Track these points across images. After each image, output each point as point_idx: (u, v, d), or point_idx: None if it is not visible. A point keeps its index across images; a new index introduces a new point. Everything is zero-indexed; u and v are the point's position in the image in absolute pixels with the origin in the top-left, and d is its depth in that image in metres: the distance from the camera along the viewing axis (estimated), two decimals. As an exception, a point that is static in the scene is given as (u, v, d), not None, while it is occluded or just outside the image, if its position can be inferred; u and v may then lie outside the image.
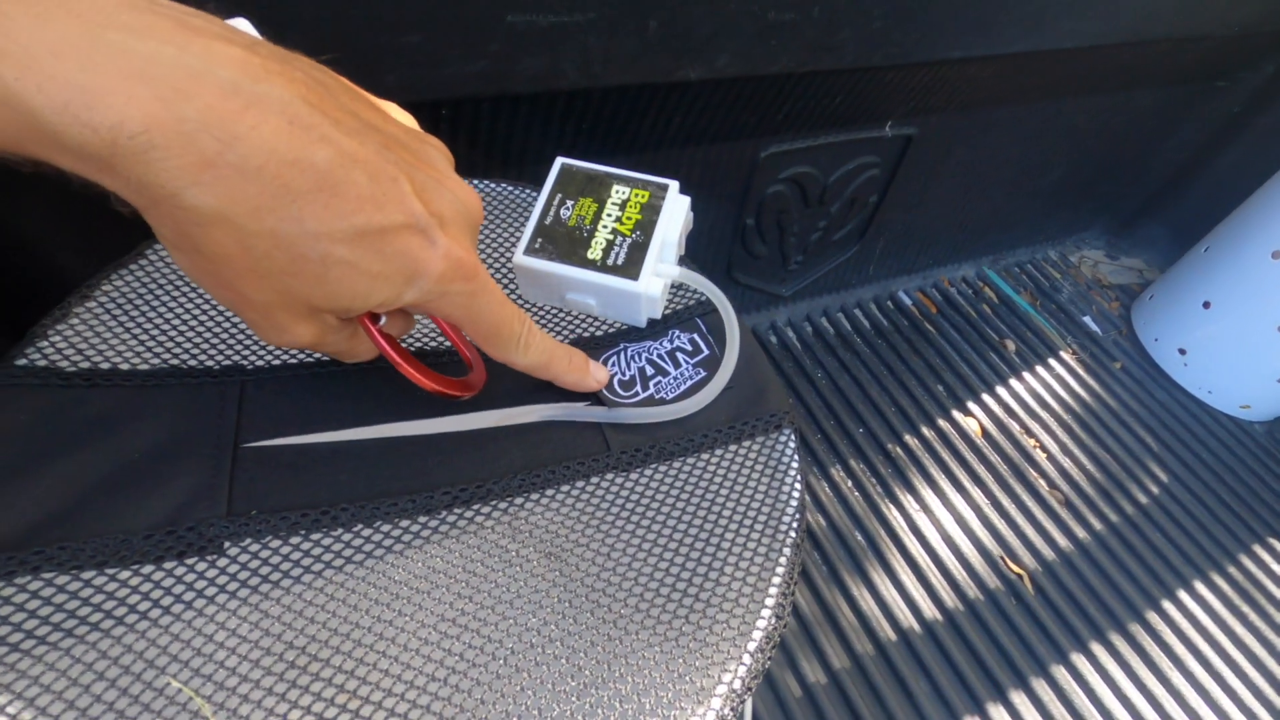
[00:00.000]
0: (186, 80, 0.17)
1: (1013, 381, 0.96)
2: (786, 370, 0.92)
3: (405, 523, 0.25)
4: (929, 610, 0.72)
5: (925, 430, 0.88)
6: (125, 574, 0.22)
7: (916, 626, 0.71)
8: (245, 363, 0.28)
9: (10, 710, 0.19)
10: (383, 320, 0.24)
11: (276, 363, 0.29)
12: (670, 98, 0.60)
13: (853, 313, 1.01)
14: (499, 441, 0.28)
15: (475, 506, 0.26)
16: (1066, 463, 0.88)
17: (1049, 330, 1.05)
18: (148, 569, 0.22)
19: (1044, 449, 0.89)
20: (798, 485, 0.28)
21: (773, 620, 0.24)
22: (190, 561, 0.23)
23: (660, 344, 0.33)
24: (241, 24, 0.26)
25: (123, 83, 0.16)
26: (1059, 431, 0.91)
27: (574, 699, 0.22)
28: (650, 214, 0.32)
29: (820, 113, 0.72)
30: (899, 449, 0.86)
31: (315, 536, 0.24)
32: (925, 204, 0.95)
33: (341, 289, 0.21)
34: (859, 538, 0.77)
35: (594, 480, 0.28)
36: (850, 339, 0.97)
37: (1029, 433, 0.90)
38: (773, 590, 0.25)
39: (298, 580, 0.23)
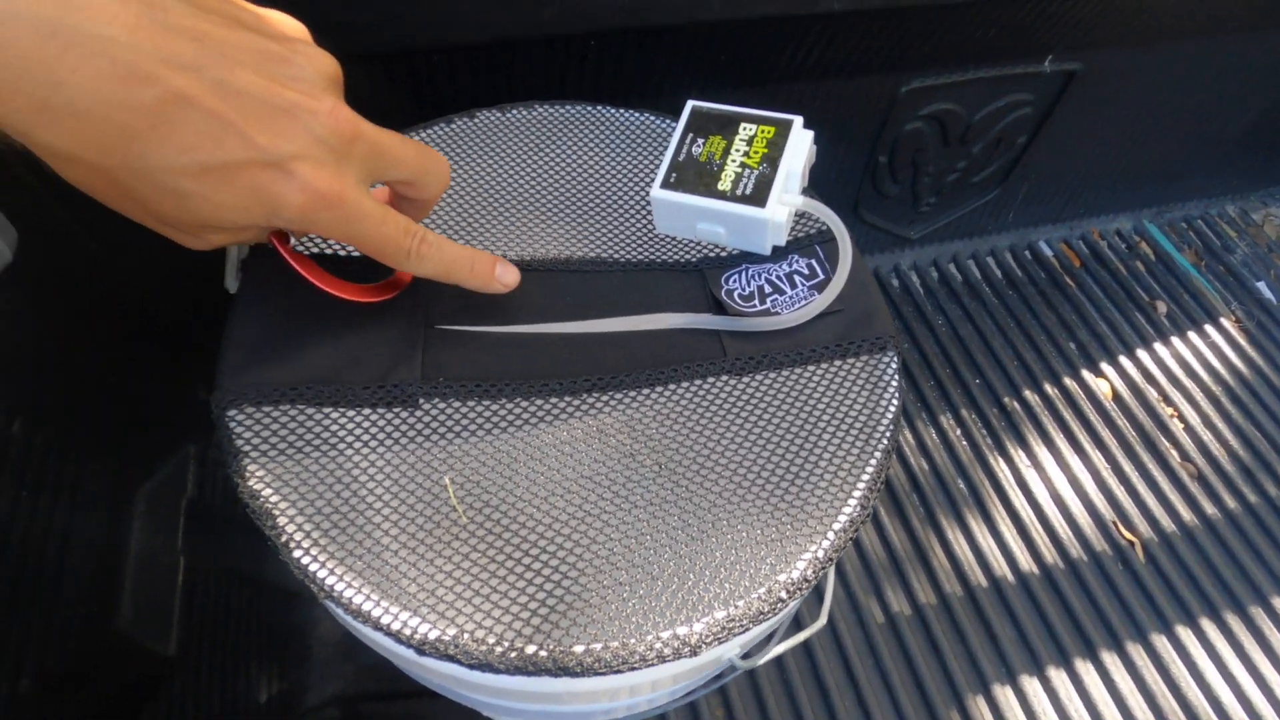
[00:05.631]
0: (5, 27, 0.17)
1: (1157, 345, 0.90)
2: (905, 314, 0.91)
3: (553, 399, 0.31)
4: (1026, 563, 0.73)
5: (1048, 387, 0.85)
6: (350, 413, 0.29)
7: (1010, 576, 0.72)
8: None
9: (269, 490, 0.27)
10: (292, 241, 0.27)
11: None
12: (810, 30, 0.60)
13: (984, 260, 0.97)
14: (631, 342, 0.33)
15: (609, 392, 0.31)
16: (1207, 436, 0.82)
17: (1210, 294, 0.96)
18: (366, 411, 0.29)
19: (1182, 419, 0.84)
20: (895, 400, 0.31)
21: (858, 509, 0.28)
22: (396, 410, 0.30)
23: (780, 266, 0.36)
24: None
25: None
26: (1203, 403, 0.85)
27: (682, 547, 0.27)
28: (776, 148, 0.35)
29: (970, 46, 0.68)
30: (1016, 403, 0.84)
31: (485, 402, 0.30)
32: (1082, 147, 0.89)
33: (205, 215, 0.22)
34: (961, 485, 0.78)
35: (710, 380, 0.32)
36: (978, 287, 0.94)
37: (1167, 400, 0.85)
38: (861, 484, 0.28)
39: (472, 433, 0.29)
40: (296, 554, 0.25)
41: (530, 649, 0.24)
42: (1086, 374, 0.86)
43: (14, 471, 0.39)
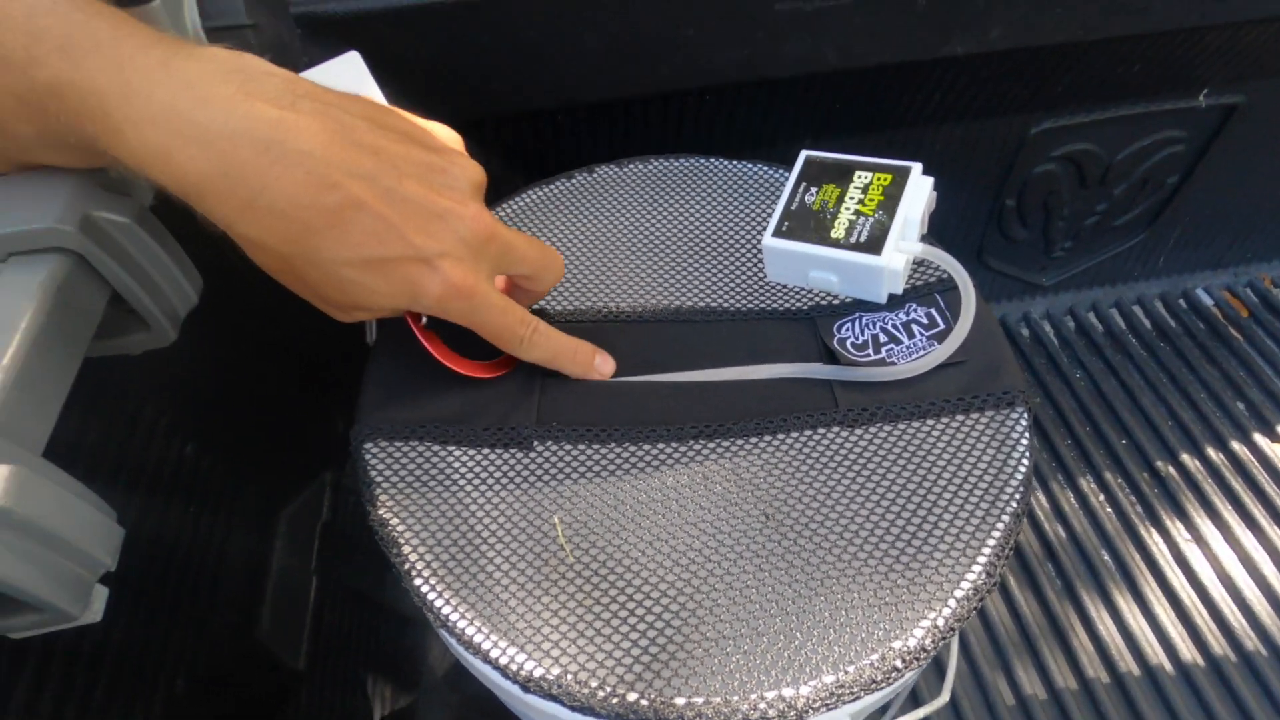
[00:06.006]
0: (230, 143, 0.22)
1: (1352, 408, 0.78)
2: (1038, 367, 0.85)
3: (660, 445, 0.31)
4: (1189, 652, 0.64)
5: (1212, 451, 0.76)
6: (471, 452, 0.31)
7: (1169, 666, 0.63)
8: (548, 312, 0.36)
9: (395, 519, 0.28)
10: (424, 319, 0.31)
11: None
12: (930, 75, 0.59)
13: (1130, 309, 0.89)
14: (739, 391, 0.33)
15: (716, 440, 0.31)
16: None
17: None
18: (485, 451, 0.31)
19: (1389, 495, 0.71)
20: (1025, 460, 0.29)
21: (983, 576, 0.26)
22: (512, 451, 0.31)
23: (896, 315, 0.35)
24: (351, 63, 0.34)
25: (185, 147, 0.22)
26: None
27: (789, 603, 0.26)
28: (892, 195, 0.34)
29: (1111, 83, 0.64)
30: (1172, 468, 0.75)
31: (596, 446, 0.31)
32: (1247, 186, 0.80)
33: (360, 299, 0.26)
34: (1105, 557, 0.70)
35: (820, 431, 0.31)
36: (1123, 338, 0.86)
37: (1368, 472, 0.73)
38: (987, 549, 0.26)
39: (582, 475, 0.30)
40: (416, 581, 0.27)
41: (632, 696, 0.24)
42: (1260, 438, 0.76)
43: (185, 489, 0.45)
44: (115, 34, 0.24)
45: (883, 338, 0.34)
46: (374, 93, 0.34)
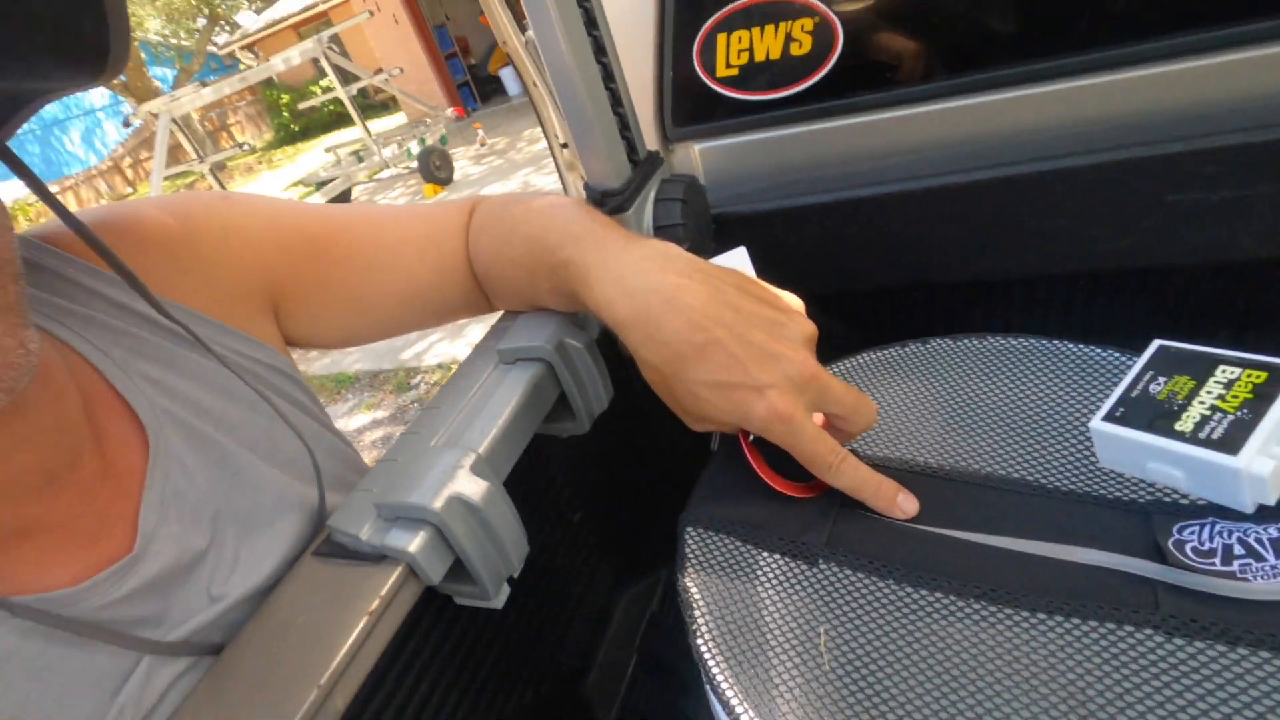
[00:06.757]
0: (646, 297, 0.36)
1: None
2: None
3: (940, 595, 0.33)
4: None
5: None
6: (766, 554, 0.37)
7: None
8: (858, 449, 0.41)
9: (695, 590, 0.35)
10: (751, 437, 0.38)
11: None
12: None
13: None
14: (1039, 565, 0.32)
15: (1001, 607, 0.31)
16: None
17: None
18: (777, 557, 0.37)
19: None
20: None
21: None
22: (799, 563, 0.36)
23: (1265, 529, 0.30)
24: (739, 255, 0.45)
25: (621, 298, 0.37)
26: None
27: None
28: (1264, 395, 0.31)
29: None
30: None
31: (876, 579, 0.34)
32: None
33: (706, 412, 0.36)
34: None
35: (1127, 629, 0.29)
36: None
37: None
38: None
39: (854, 599, 0.33)
40: (697, 640, 0.33)
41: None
42: None
43: (567, 546, 0.59)
44: (604, 232, 0.41)
45: (1239, 550, 0.30)
46: (749, 271, 0.46)
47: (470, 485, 0.36)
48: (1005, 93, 0.54)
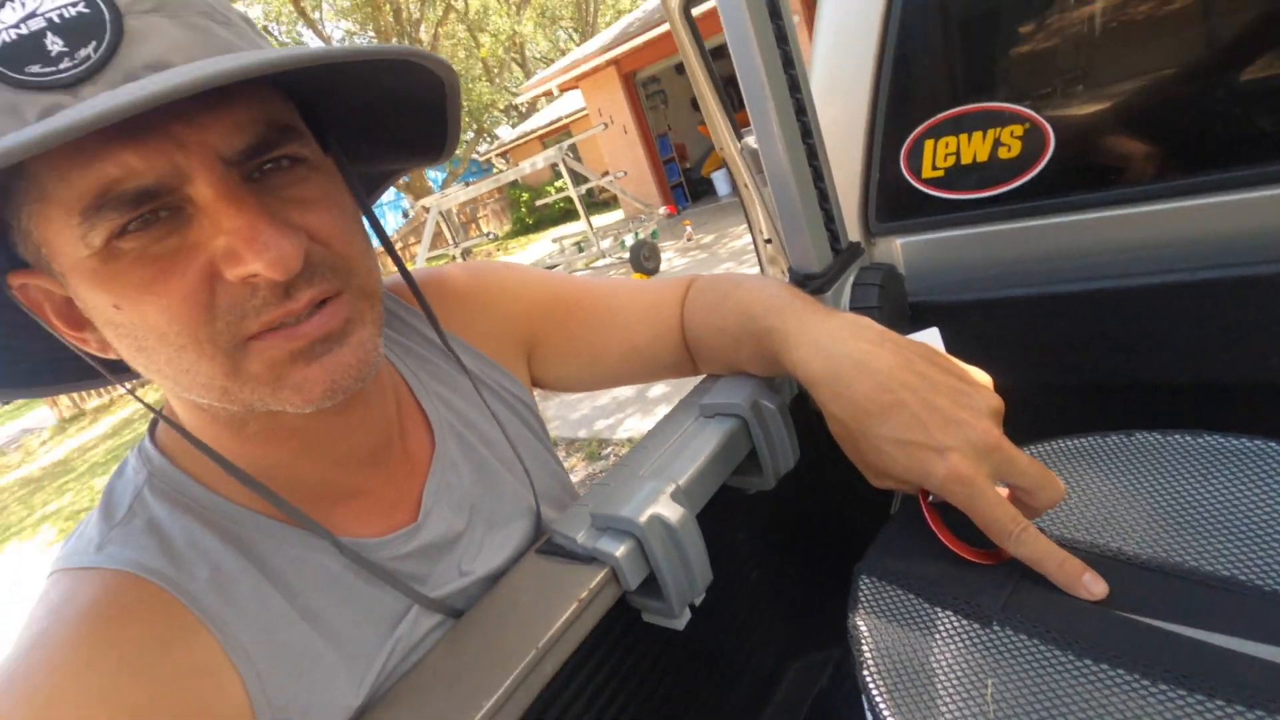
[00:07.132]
0: (839, 360, 0.41)
1: None
2: None
3: (1124, 673, 0.32)
4: None
5: None
6: (937, 610, 0.38)
7: None
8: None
9: (864, 630, 0.38)
10: (931, 498, 0.40)
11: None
12: None
13: None
14: (1232, 660, 0.31)
15: (1189, 693, 0.30)
16: None
17: None
18: (949, 614, 0.38)
19: None
20: None
21: None
22: (971, 622, 0.37)
23: None
24: (931, 333, 0.47)
25: (816, 358, 0.42)
26: None
27: None
28: None
29: None
30: None
31: (1054, 648, 0.34)
32: None
33: (888, 467, 0.39)
34: None
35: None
36: None
37: None
38: None
39: (1027, 662, 0.34)
40: (864, 673, 0.36)
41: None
42: None
43: (745, 599, 0.63)
44: (804, 305, 0.47)
45: None
46: (940, 348, 0.49)
47: (668, 509, 0.43)
48: (1220, 196, 0.52)
